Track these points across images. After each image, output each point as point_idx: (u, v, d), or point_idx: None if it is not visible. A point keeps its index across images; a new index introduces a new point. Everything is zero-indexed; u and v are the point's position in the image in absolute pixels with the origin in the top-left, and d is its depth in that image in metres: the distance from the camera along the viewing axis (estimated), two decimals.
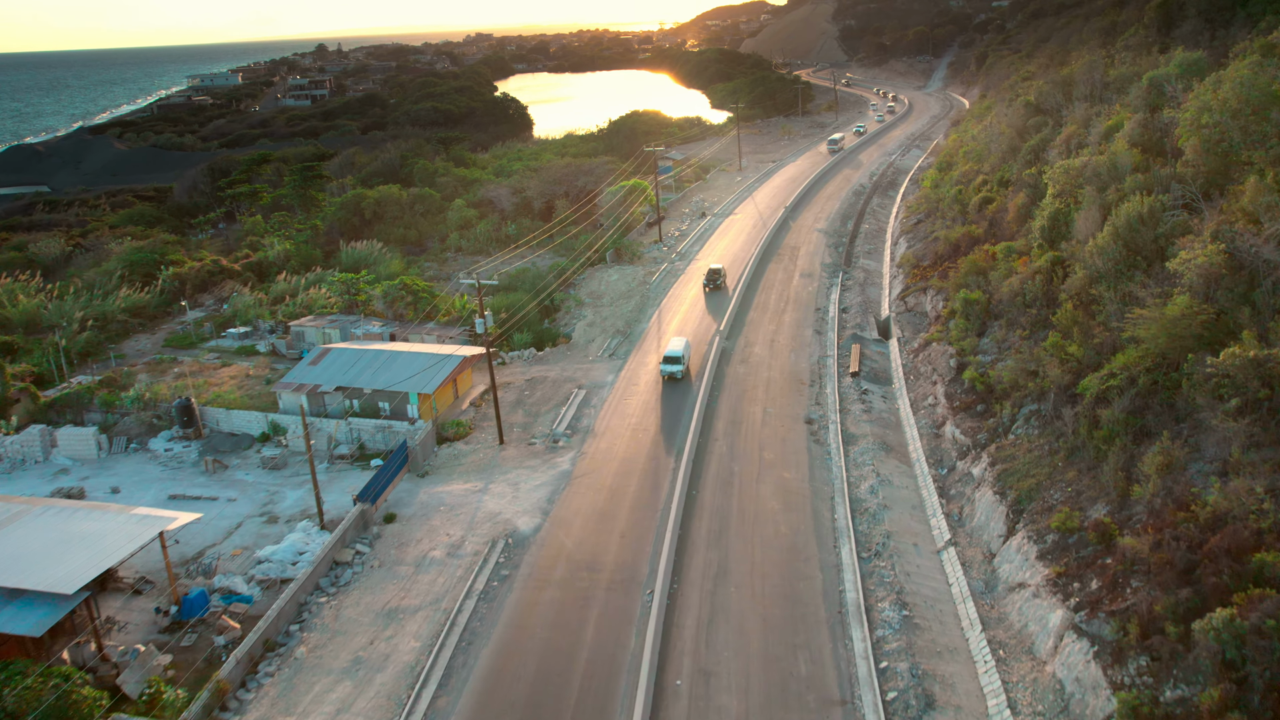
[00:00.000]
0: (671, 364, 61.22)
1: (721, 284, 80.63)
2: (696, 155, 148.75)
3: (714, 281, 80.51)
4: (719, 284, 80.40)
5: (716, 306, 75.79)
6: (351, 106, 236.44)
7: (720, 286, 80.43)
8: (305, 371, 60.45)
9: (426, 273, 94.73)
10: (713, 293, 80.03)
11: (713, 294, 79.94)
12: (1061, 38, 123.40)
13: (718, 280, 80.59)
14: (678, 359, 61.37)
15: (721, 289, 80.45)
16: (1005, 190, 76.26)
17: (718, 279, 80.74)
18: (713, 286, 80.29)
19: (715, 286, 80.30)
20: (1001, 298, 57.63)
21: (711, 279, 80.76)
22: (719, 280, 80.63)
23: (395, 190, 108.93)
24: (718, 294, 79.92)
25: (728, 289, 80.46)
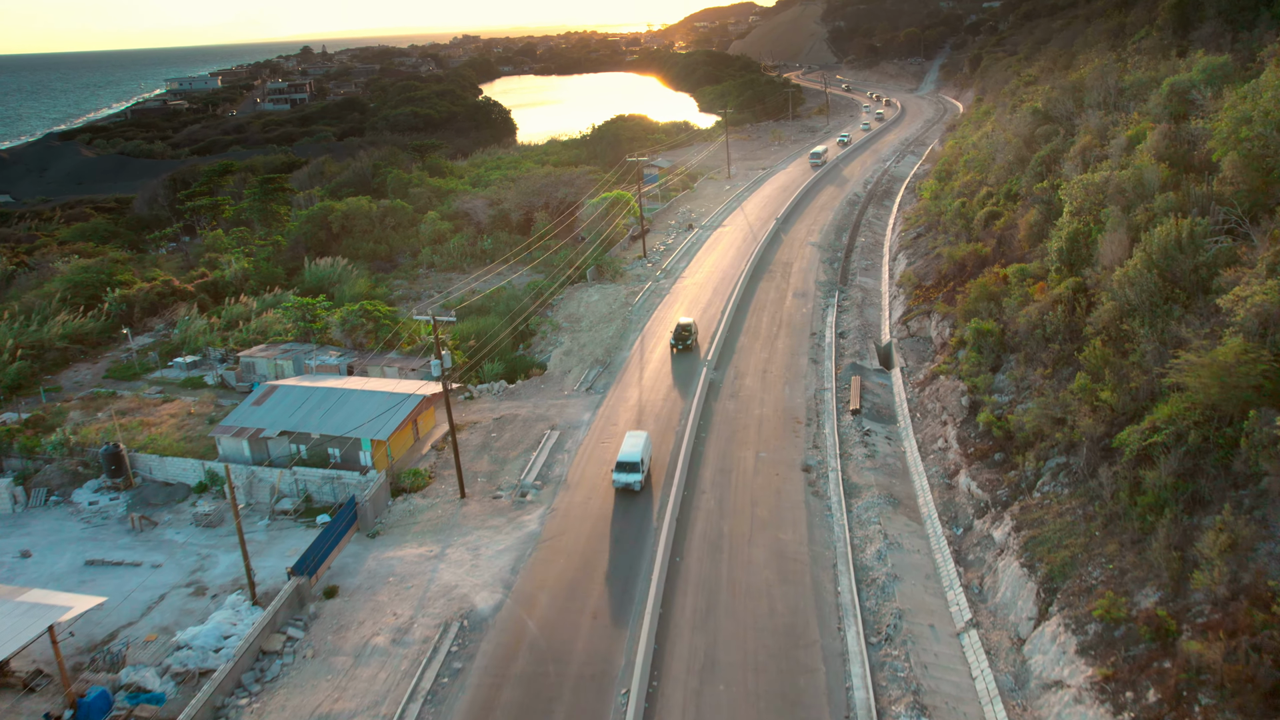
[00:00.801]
0: (626, 472, 47.05)
1: (692, 343, 67.05)
2: (684, 163, 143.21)
3: (682, 340, 66.50)
4: (689, 343, 66.60)
5: (701, 339, 70.05)
6: (330, 111, 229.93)
7: (691, 347, 66.72)
8: (247, 413, 54.48)
9: (396, 291, 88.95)
10: (681, 354, 66.30)
11: (681, 356, 66.04)
12: (1063, 40, 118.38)
13: (687, 339, 66.62)
14: (635, 465, 47.02)
15: (692, 350, 66.75)
16: (1014, 205, 70.90)
17: (687, 337, 66.69)
18: (681, 347, 66.37)
19: (685, 347, 66.43)
20: (1018, 328, 52.15)
21: (680, 337, 66.71)
22: (689, 338, 66.74)
23: (364, 203, 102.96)
24: (687, 356, 65.89)
25: (699, 348, 66.91)
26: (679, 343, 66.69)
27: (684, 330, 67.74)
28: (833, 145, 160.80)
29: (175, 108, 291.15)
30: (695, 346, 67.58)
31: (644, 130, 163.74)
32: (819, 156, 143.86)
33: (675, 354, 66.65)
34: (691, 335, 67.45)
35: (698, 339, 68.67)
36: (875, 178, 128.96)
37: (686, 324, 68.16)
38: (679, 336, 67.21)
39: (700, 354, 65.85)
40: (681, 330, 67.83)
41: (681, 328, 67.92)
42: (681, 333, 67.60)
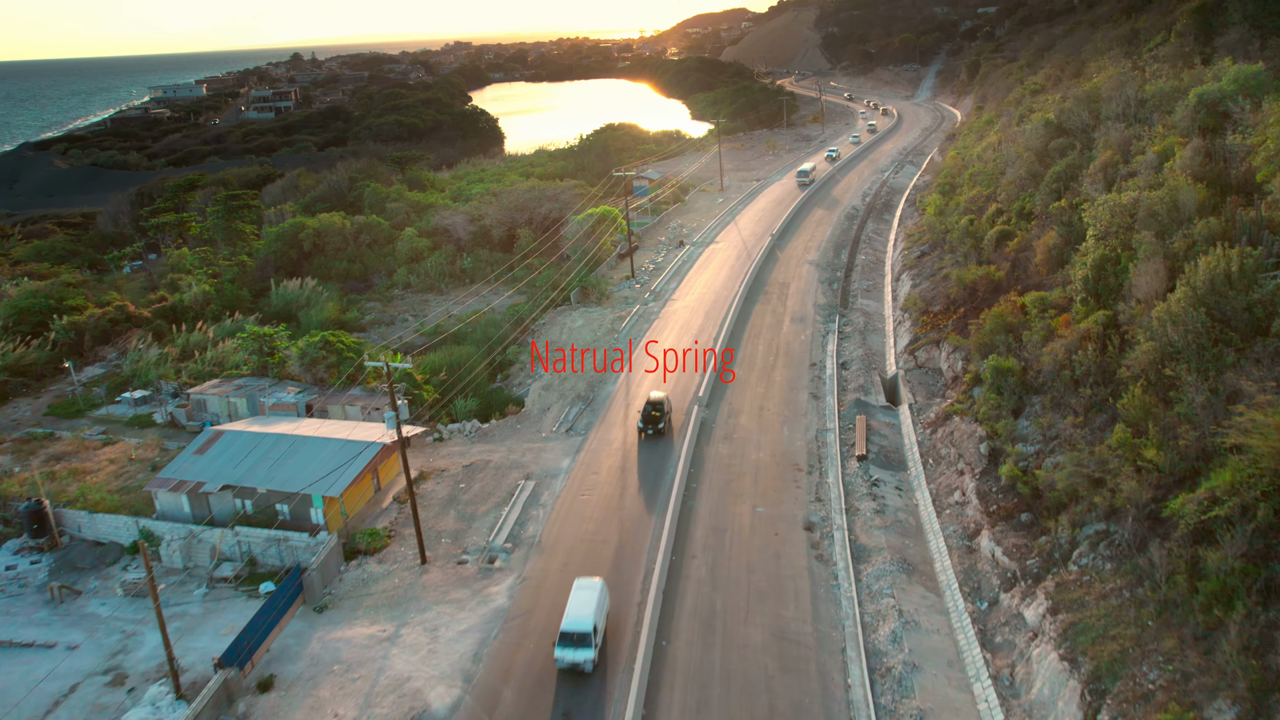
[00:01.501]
0: (573, 647, 34.58)
1: (665, 426, 53.58)
2: (675, 174, 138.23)
3: (652, 423, 52.94)
4: (660, 426, 53.01)
5: (692, 372, 64.79)
6: (313, 120, 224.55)
7: (663, 431, 53.35)
8: (188, 463, 49.09)
9: (368, 315, 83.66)
10: (651, 440, 53.14)
11: (650, 442, 52.88)
12: (1068, 47, 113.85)
13: (658, 420, 53.04)
14: (584, 638, 34.61)
15: (664, 435, 53.44)
16: (1027, 224, 65.96)
17: (658, 418, 53.06)
18: (651, 430, 52.89)
19: (656, 431, 52.92)
20: (1042, 367, 47.06)
21: (649, 419, 53.08)
22: (660, 419, 53.15)
23: (338, 219, 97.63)
24: (658, 443, 52.69)
25: (671, 430, 53.96)
26: (648, 425, 52.99)
27: (654, 409, 53.63)
28: (822, 161, 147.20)
29: (156, 116, 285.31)
30: (669, 428, 54.07)
31: (634, 140, 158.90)
32: (806, 175, 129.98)
33: (644, 439, 53.19)
34: (664, 416, 53.62)
35: (671, 419, 54.92)
36: (874, 190, 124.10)
37: (657, 400, 54.13)
38: (648, 418, 53.26)
39: (675, 436, 53.18)
40: (651, 409, 53.65)
41: (651, 405, 53.85)
42: (650, 413, 53.47)
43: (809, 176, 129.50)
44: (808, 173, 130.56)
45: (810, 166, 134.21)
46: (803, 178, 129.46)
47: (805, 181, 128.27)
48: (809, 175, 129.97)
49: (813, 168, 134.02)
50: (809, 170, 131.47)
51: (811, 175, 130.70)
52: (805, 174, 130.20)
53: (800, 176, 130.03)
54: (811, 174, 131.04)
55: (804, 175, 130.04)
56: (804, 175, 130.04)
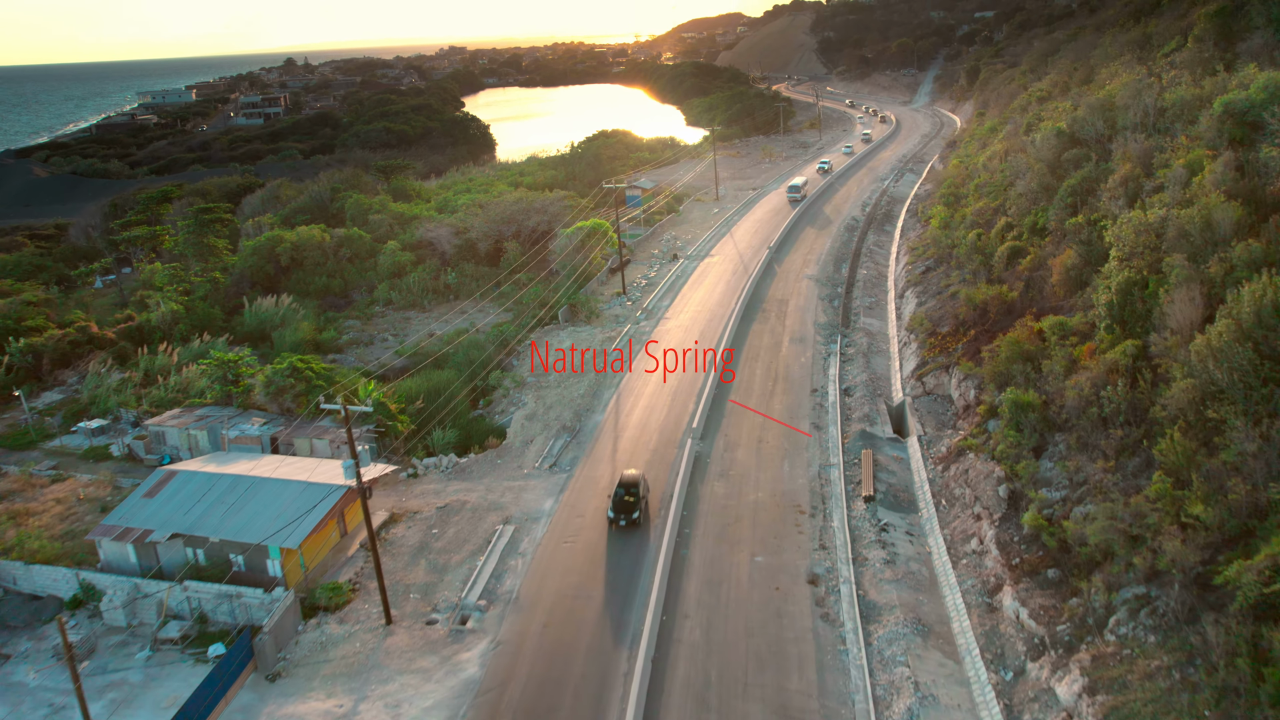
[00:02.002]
0: None
1: (641, 513, 44.46)
2: (669, 182, 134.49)
3: (625, 511, 44.10)
4: (635, 515, 44.09)
5: (685, 399, 60.87)
6: (301, 127, 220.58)
7: (638, 521, 44.29)
8: (136, 508, 45.04)
9: (346, 334, 79.66)
10: (625, 531, 44.14)
11: (624, 535, 43.85)
12: (1075, 51, 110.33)
13: (634, 507, 44.13)
14: None
15: (640, 524, 44.36)
16: (1041, 241, 62.21)
17: (633, 504, 44.15)
18: (625, 520, 43.95)
19: (630, 521, 44.03)
20: (1065, 402, 43.22)
21: (622, 505, 44.17)
22: (635, 505, 44.23)
23: (317, 232, 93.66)
24: (631, 536, 43.72)
25: (649, 517, 45.13)
26: (620, 514, 43.99)
27: (627, 492, 44.65)
28: (815, 174, 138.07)
29: (143, 123, 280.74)
30: (646, 515, 45.12)
31: (627, 148, 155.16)
32: (798, 190, 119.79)
33: (617, 529, 44.21)
34: (639, 500, 44.53)
35: (648, 504, 45.98)
36: (874, 199, 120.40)
37: (631, 480, 45.42)
38: (620, 505, 44.16)
39: (653, 523, 44.44)
40: (623, 494, 44.58)
41: (624, 488, 44.90)
42: (623, 498, 44.37)
43: (800, 192, 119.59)
44: (799, 188, 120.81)
45: (802, 181, 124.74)
46: (794, 193, 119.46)
47: (796, 198, 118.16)
48: (800, 190, 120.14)
49: (804, 182, 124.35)
50: (800, 185, 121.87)
51: (803, 190, 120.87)
52: (796, 189, 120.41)
53: (791, 192, 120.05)
54: (803, 189, 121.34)
55: (795, 191, 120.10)
56: (795, 191, 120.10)
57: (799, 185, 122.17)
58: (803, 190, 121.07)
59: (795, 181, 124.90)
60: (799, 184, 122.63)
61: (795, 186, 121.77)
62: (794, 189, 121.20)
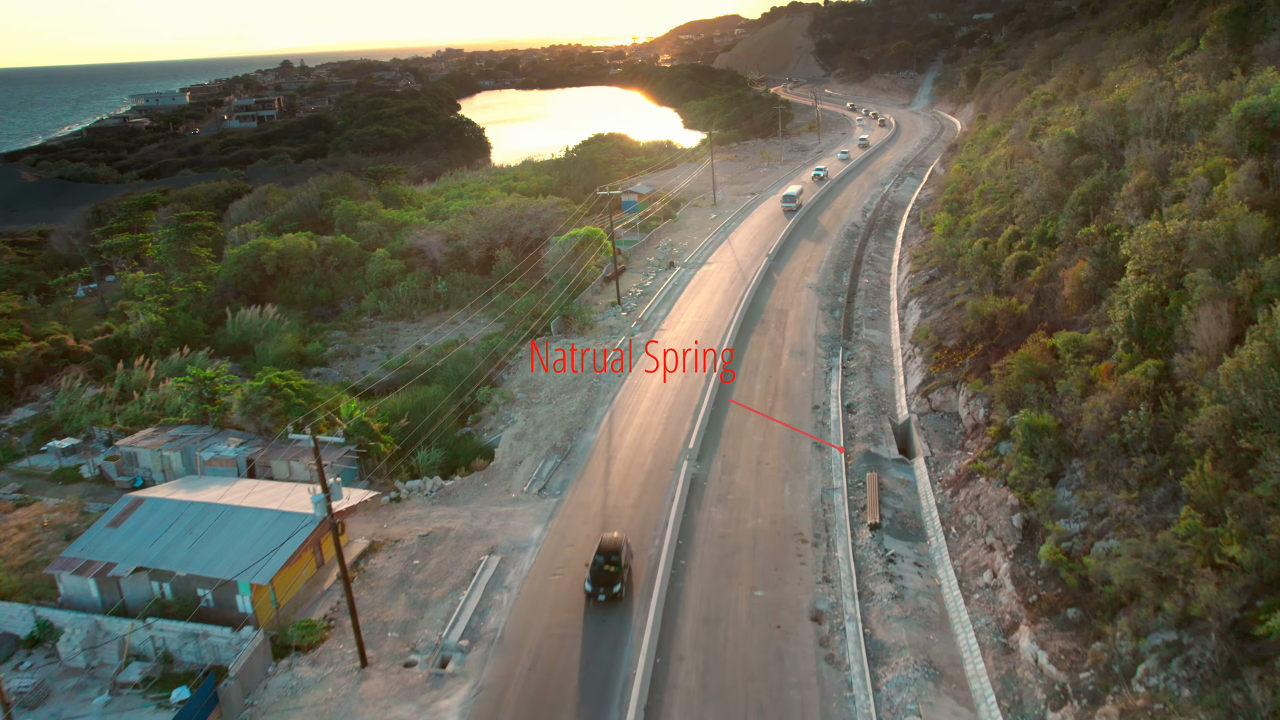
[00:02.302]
0: None
1: (623, 586, 38.80)
2: (666, 187, 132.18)
3: (606, 584, 38.49)
4: (617, 589, 38.44)
5: (682, 417, 58.42)
6: (295, 130, 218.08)
7: (619, 595, 38.58)
8: (100, 539, 42.57)
9: (331, 346, 77.23)
10: (603, 607, 38.62)
11: (600, 614, 38.39)
12: (1080, 54, 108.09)
13: (614, 579, 38.58)
14: None
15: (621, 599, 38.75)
16: (1051, 251, 59.85)
17: (614, 575, 38.61)
18: (605, 594, 38.38)
19: (610, 595, 38.44)
20: (1083, 425, 40.83)
21: (601, 576, 38.67)
22: (616, 576, 38.69)
23: (303, 240, 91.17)
24: (610, 613, 38.29)
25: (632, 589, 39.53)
26: (600, 587, 38.39)
27: (608, 560, 39.09)
28: (809, 181, 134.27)
29: (135, 126, 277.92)
30: (629, 586, 39.52)
31: (623, 151, 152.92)
32: (793, 199, 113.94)
33: (595, 605, 38.65)
34: (621, 570, 38.89)
35: (632, 573, 40.42)
36: (874, 204, 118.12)
37: (612, 545, 39.89)
38: (599, 576, 38.67)
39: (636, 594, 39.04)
40: (602, 563, 39.00)
41: (603, 555, 39.38)
42: (603, 567, 38.84)
43: (795, 201, 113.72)
44: (794, 197, 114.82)
45: (796, 190, 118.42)
46: (788, 203, 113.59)
47: (791, 208, 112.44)
48: (795, 200, 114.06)
49: (799, 191, 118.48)
50: (795, 195, 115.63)
51: (798, 200, 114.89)
52: (791, 199, 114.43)
53: (786, 202, 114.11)
54: (798, 198, 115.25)
55: (789, 200, 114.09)
56: (789, 200, 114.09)
57: (794, 195, 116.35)
58: (798, 200, 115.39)
59: (790, 190, 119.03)
60: (794, 193, 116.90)
61: (790, 196, 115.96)
62: (789, 199, 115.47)
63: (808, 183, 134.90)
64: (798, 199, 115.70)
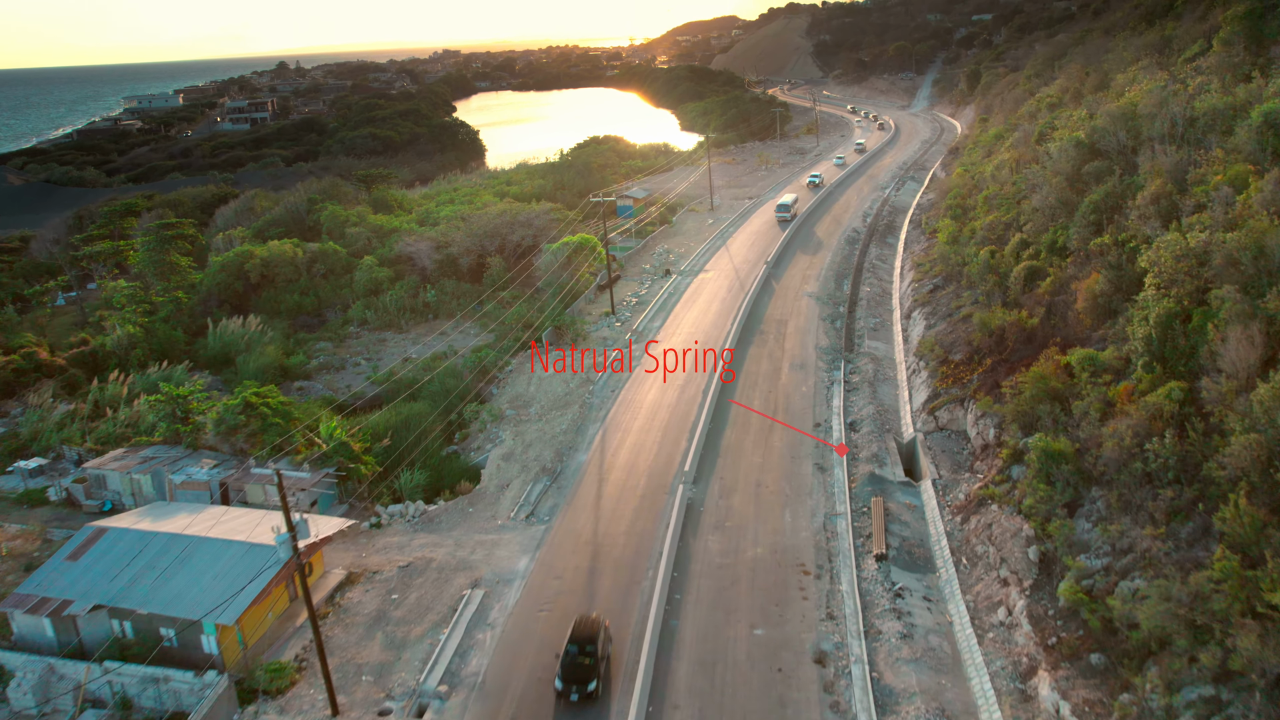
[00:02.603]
0: None
1: (599, 683, 33.01)
2: (662, 191, 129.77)
3: (579, 680, 32.85)
4: (592, 687, 32.76)
5: (678, 435, 55.95)
6: (287, 132, 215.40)
7: (594, 695, 32.87)
8: (58, 573, 40.04)
9: (316, 358, 74.72)
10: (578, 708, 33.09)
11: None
12: (1085, 55, 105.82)
13: (589, 673, 32.97)
14: None
15: (595, 698, 33.07)
16: (1062, 261, 57.42)
17: (589, 670, 33.04)
18: (579, 694, 32.75)
19: (585, 695, 32.80)
20: (1102, 452, 38.42)
21: (574, 670, 33.03)
22: (591, 670, 33.08)
23: (289, 248, 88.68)
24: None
25: (609, 685, 33.92)
26: (572, 684, 32.63)
27: (582, 652, 33.54)
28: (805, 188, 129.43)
29: (126, 128, 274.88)
30: (605, 681, 33.75)
31: (619, 155, 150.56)
32: (787, 209, 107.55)
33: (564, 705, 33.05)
34: (597, 663, 33.36)
35: (610, 662, 34.89)
36: (875, 209, 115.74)
37: (588, 632, 34.32)
38: (572, 670, 32.95)
39: (614, 689, 33.54)
40: (578, 654, 33.40)
41: (579, 644, 33.80)
42: (577, 659, 33.27)
43: (790, 211, 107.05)
44: (788, 206, 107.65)
45: (791, 199, 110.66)
46: (783, 213, 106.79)
47: (786, 217, 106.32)
48: (790, 210, 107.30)
49: (794, 200, 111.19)
50: (790, 204, 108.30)
51: (793, 209, 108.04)
52: (785, 208, 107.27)
53: (780, 212, 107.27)
54: (793, 208, 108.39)
55: (784, 210, 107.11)
56: (784, 210, 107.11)
57: (788, 204, 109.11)
58: (792, 210, 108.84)
59: (784, 199, 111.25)
60: (788, 202, 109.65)
61: (784, 205, 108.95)
62: (783, 208, 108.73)
63: (804, 188, 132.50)
64: (792, 208, 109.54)
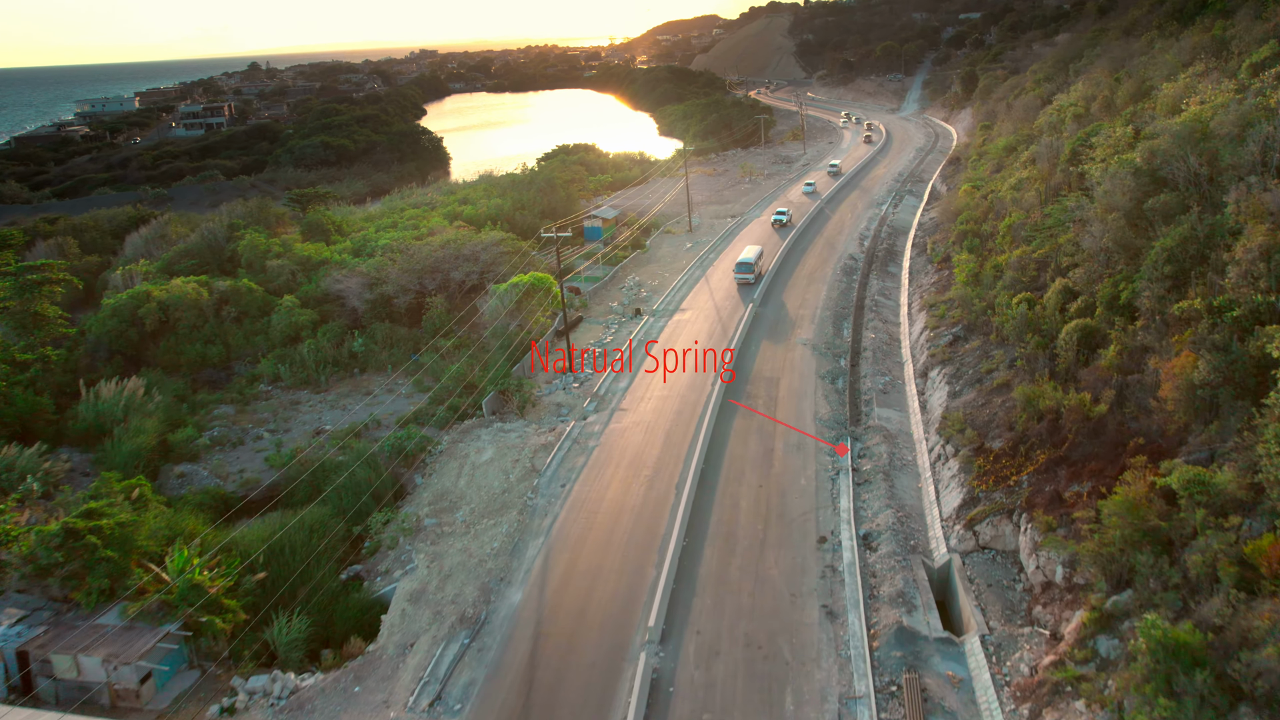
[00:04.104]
0: None
1: None
2: (636, 208, 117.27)
3: None
4: None
5: (640, 561, 43.36)
6: (237, 140, 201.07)
7: None
8: None
9: (210, 429, 61.77)
10: None
11: None
12: (1110, 58, 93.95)
13: None
14: None
15: None
16: (1129, 325, 45.25)
17: None
18: None
19: None
20: (1256, 659, 26.20)
21: None
22: None
23: (192, 288, 75.48)
24: None
25: None
26: None
27: None
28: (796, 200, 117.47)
29: (69, 135, 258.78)
30: None
31: (588, 168, 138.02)
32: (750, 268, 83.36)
33: None
34: None
35: None
36: (872, 230, 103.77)
37: None
38: None
39: None
40: None
41: None
42: None
43: (753, 270, 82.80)
44: (750, 265, 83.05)
45: (755, 254, 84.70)
46: (744, 273, 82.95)
47: (748, 278, 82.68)
48: (753, 269, 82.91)
49: (758, 255, 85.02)
50: (753, 261, 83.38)
51: (757, 267, 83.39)
52: (748, 266, 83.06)
53: (740, 271, 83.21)
54: (757, 265, 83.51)
55: (745, 269, 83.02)
56: (745, 269, 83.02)
57: (750, 261, 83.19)
58: (756, 268, 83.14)
59: (745, 255, 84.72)
60: (750, 259, 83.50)
61: (745, 264, 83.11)
62: (743, 266, 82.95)
63: (795, 201, 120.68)
64: (756, 266, 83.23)
